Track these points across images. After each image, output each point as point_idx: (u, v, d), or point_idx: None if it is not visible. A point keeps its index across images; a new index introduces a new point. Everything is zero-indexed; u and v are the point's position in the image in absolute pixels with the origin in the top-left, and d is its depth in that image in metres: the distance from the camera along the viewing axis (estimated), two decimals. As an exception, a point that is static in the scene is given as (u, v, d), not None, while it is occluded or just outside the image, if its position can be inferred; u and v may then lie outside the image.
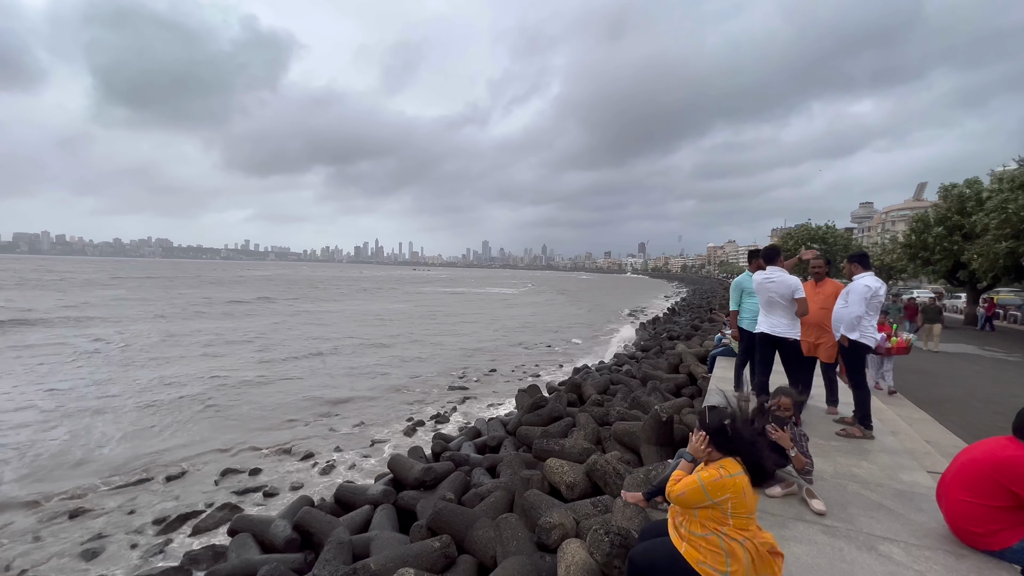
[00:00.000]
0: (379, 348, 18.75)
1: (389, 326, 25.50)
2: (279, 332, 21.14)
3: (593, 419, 7.06)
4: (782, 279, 5.13)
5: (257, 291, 47.63)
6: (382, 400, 11.76)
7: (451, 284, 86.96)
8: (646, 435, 5.60)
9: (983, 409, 7.04)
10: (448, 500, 5.38)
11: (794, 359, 5.21)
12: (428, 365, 15.98)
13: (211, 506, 6.45)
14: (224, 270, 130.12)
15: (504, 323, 28.43)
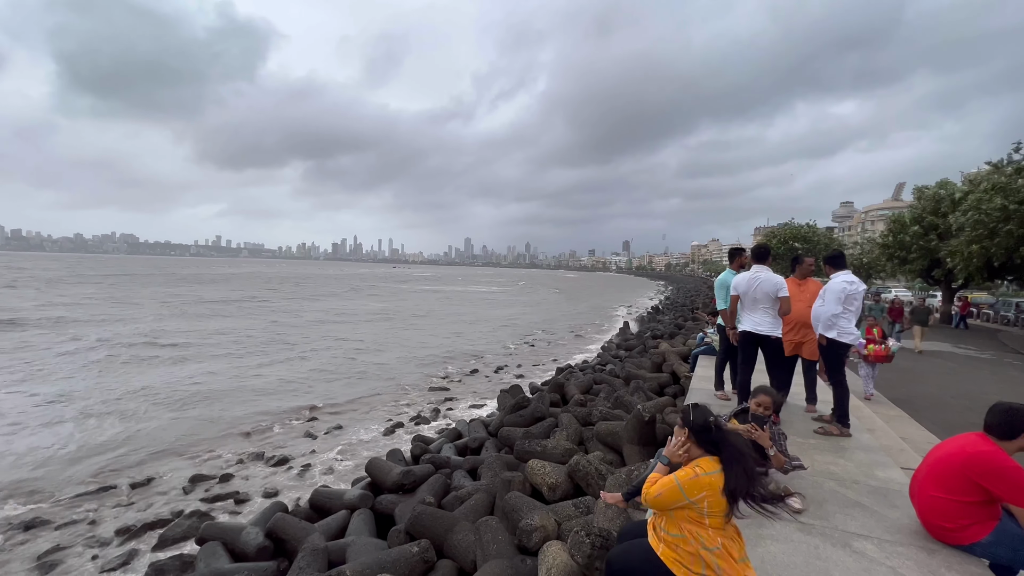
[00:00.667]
0: (358, 348, 18.59)
1: (368, 325, 25.31)
2: (255, 332, 20.90)
3: (576, 419, 7.10)
4: (768, 278, 5.23)
5: (232, 290, 46.72)
6: (360, 401, 11.63)
7: (434, 283, 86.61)
8: (629, 435, 5.66)
9: (956, 406, 7.32)
10: (427, 504, 5.35)
11: (776, 357, 5.30)
12: (408, 365, 15.85)
13: (179, 514, 6.27)
14: (196, 267, 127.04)
15: (488, 322, 28.59)
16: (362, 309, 33.56)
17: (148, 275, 72.17)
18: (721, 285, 6.19)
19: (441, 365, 16.06)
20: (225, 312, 28.15)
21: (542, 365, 16.39)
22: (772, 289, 5.15)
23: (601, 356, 15.32)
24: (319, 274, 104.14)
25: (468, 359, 17.15)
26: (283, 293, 45.90)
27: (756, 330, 5.20)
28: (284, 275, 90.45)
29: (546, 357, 17.96)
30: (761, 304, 5.21)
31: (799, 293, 5.70)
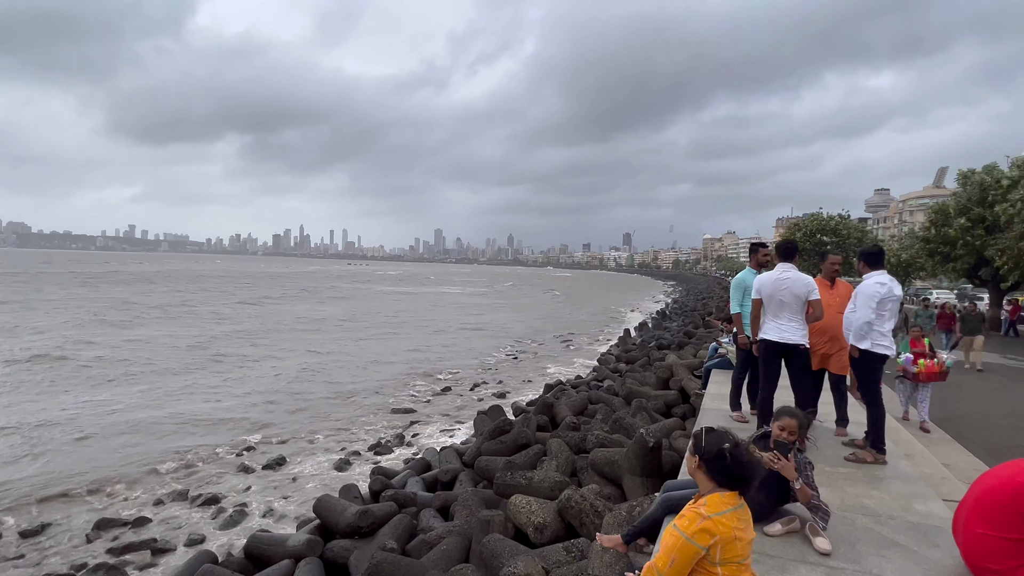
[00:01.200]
0: (307, 363, 18.42)
1: (319, 335, 25.20)
2: (181, 345, 20.51)
3: (568, 446, 7.13)
4: (797, 278, 5.29)
5: (153, 292, 46.30)
6: (307, 426, 11.56)
7: (400, 283, 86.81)
8: (630, 464, 5.68)
9: (1005, 427, 7.41)
10: (389, 550, 5.26)
11: (802, 372, 5.36)
12: (367, 382, 15.71)
13: (81, 568, 5.96)
14: (104, 263, 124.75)
15: (464, 331, 29.05)
16: (312, 315, 33.54)
17: (43, 273, 71.05)
18: (738, 286, 6.22)
19: (407, 383, 16.01)
20: (144, 320, 27.69)
21: (528, 382, 16.48)
22: (802, 291, 5.22)
23: (598, 371, 15.45)
24: (259, 272, 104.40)
25: (439, 375, 17.14)
26: (216, 295, 45.63)
27: (781, 339, 5.25)
28: (217, 273, 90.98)
29: (533, 372, 18.11)
30: (788, 308, 5.27)
31: (827, 297, 5.79)
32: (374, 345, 22.66)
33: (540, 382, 16.22)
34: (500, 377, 17.32)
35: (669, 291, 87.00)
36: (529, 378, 17.16)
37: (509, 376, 17.48)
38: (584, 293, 74.21)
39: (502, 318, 36.28)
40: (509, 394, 14.81)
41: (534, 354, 22.21)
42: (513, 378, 17.18)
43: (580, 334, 28.98)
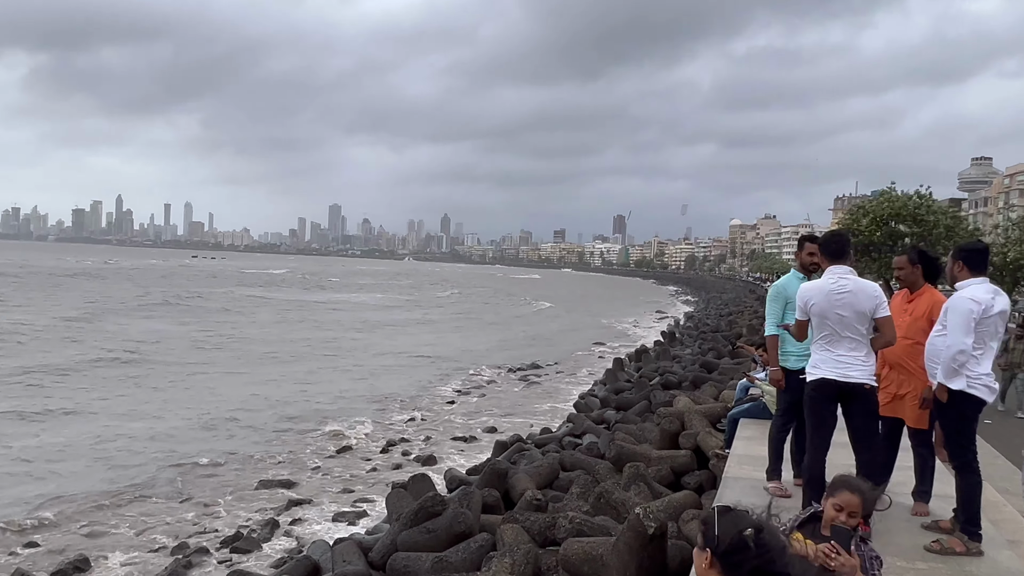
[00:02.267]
0: (119, 411, 18.29)
1: (139, 368, 25.29)
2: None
3: (528, 535, 7.18)
4: (860, 287, 5.40)
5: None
6: (123, 511, 11.47)
7: (283, 286, 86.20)
8: (621, 562, 5.73)
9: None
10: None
11: (868, 422, 5.50)
12: (215, 440, 15.85)
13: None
14: None
15: (379, 358, 30.08)
16: (131, 333, 33.63)
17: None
18: (777, 296, 6.37)
19: (284, 440, 16.16)
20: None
21: (470, 439, 16.84)
22: (866, 304, 5.31)
23: (574, 420, 15.77)
24: (47, 267, 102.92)
25: (334, 428, 17.31)
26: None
27: (839, 376, 5.38)
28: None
29: (478, 423, 18.64)
30: (848, 331, 5.40)
31: (901, 314, 5.97)
32: (235, 386, 22.61)
33: (488, 439, 16.46)
34: (428, 431, 17.54)
35: (680, 301, 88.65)
36: (472, 432, 17.41)
37: (442, 430, 17.74)
38: (559, 302, 75.92)
39: (436, 342, 37.04)
40: (441, 458, 15.03)
41: (480, 396, 22.62)
42: (448, 433, 17.43)
43: (549, 365, 29.78)
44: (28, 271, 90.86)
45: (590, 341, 39.56)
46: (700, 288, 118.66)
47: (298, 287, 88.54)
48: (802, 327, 5.66)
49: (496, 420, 18.86)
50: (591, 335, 43.21)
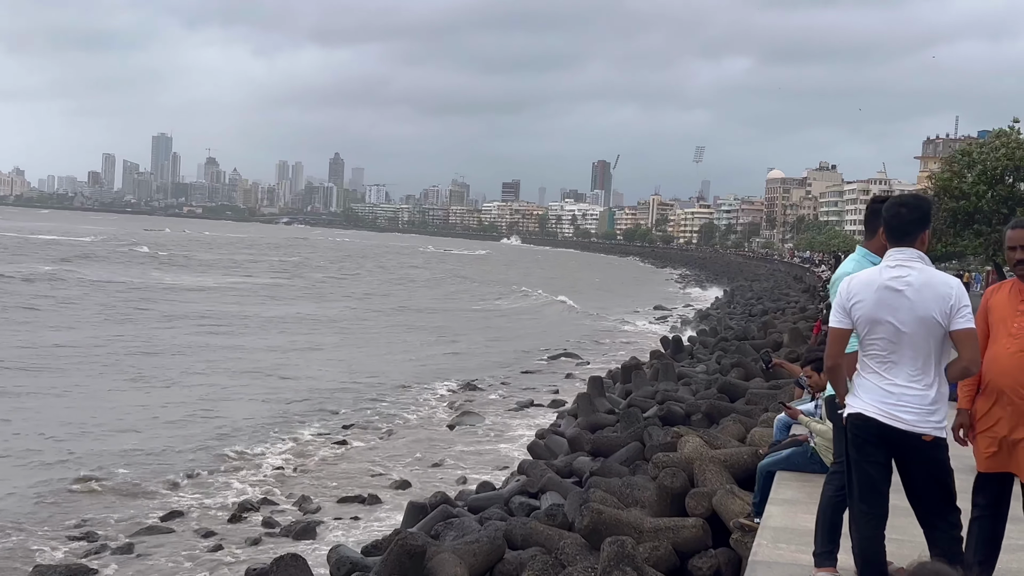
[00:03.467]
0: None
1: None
2: None
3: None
4: (926, 281, 5.38)
5: None
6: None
7: (86, 262, 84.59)
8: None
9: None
10: None
11: (932, 486, 5.58)
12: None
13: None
14: None
15: (221, 374, 30.61)
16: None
17: None
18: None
19: (63, 506, 16.05)
20: None
21: (371, 501, 16.97)
22: (935, 308, 5.35)
23: (528, 469, 15.86)
24: None
25: (153, 487, 17.50)
26: None
27: (883, 415, 5.44)
28: None
29: (381, 471, 19.21)
30: (908, 348, 5.43)
31: (1016, 315, 6.00)
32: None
33: (397, 499, 16.64)
34: (305, 487, 17.70)
35: (690, 292, 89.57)
36: (372, 489, 17.61)
37: (327, 485, 18.00)
38: (516, 285, 75.78)
39: (336, 354, 37.61)
40: (324, 529, 15.12)
41: (386, 434, 23.04)
42: (336, 490, 17.62)
43: (491, 383, 30.57)
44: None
45: (554, 348, 39.91)
46: (721, 273, 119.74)
47: (116, 263, 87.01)
48: (838, 339, 5.62)
49: (410, 470, 19.21)
50: (555, 339, 43.56)
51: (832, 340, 5.60)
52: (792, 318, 38.71)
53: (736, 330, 37.87)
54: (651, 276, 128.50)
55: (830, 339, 5.62)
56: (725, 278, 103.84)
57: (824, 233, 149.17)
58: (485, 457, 20.54)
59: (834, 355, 5.63)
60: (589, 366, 34.88)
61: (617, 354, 38.21)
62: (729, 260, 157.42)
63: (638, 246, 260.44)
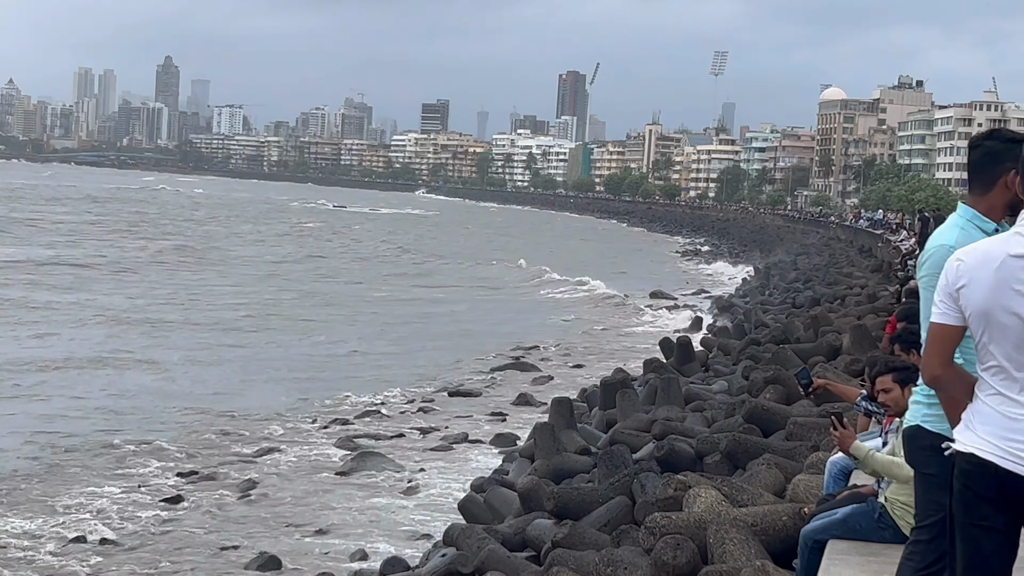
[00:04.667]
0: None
1: None
2: None
3: None
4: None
5: None
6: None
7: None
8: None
9: None
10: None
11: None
12: None
13: None
14: None
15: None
16: None
17: None
18: (939, 270, 6.46)
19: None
20: None
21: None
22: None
23: (460, 537, 15.88)
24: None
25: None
26: None
27: (1010, 458, 5.48)
28: None
29: (232, 551, 19.02)
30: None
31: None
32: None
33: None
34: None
35: (702, 270, 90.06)
36: (223, 567, 17.72)
37: (140, 572, 18.05)
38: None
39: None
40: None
41: (244, 486, 22.90)
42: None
43: (402, 406, 30.90)
44: None
45: (501, 352, 40.42)
46: (750, 243, 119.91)
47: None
48: (943, 340, 5.63)
49: (281, 540, 19.26)
50: (503, 339, 44.06)
51: (933, 342, 5.49)
52: (856, 310, 38.74)
53: (773, 329, 37.96)
54: (648, 248, 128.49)
55: (930, 340, 5.50)
56: (757, 250, 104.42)
57: (905, 183, 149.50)
58: (394, 520, 20.49)
59: (936, 364, 5.48)
60: (552, 382, 34.95)
61: (595, 362, 38.40)
62: (763, 223, 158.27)
63: (627, 202, 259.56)
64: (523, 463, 21.31)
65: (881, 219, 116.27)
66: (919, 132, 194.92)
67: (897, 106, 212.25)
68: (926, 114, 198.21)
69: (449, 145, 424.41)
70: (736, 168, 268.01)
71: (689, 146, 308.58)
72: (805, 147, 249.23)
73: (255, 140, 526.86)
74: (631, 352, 40.07)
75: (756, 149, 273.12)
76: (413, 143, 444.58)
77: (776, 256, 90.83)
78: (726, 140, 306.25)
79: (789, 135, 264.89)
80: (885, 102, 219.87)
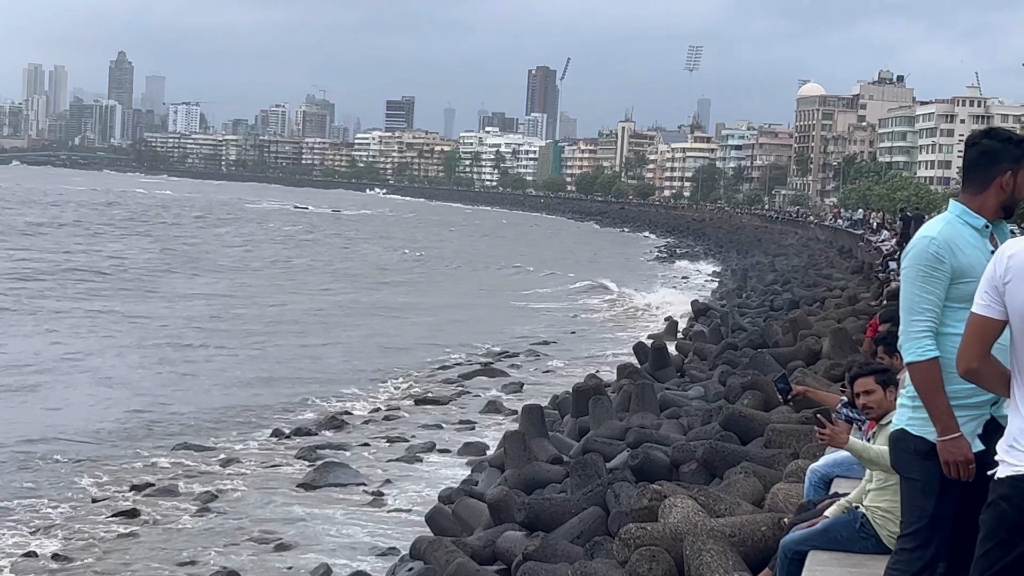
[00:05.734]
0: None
1: None
2: None
3: None
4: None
5: None
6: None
7: None
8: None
9: None
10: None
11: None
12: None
13: None
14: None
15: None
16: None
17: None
18: (931, 265, 6.30)
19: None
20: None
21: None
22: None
23: (427, 550, 15.82)
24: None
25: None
26: None
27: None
28: None
29: (189, 566, 18.98)
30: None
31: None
32: None
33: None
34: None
35: (673, 273, 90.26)
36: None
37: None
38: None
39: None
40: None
41: (202, 498, 22.85)
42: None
43: (367, 415, 30.73)
44: None
45: (469, 356, 40.66)
46: (727, 243, 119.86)
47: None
48: (983, 332, 5.50)
49: (241, 556, 19.21)
50: (471, 342, 43.99)
51: (972, 334, 5.37)
52: (836, 313, 38.99)
53: (750, 332, 38.31)
54: (617, 246, 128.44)
55: (968, 332, 5.35)
56: (734, 251, 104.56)
57: (886, 182, 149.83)
58: (359, 533, 20.47)
59: (973, 356, 5.34)
60: (524, 389, 35.08)
61: (568, 368, 38.43)
62: (740, 223, 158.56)
63: (599, 201, 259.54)
64: (493, 473, 21.29)
65: (862, 219, 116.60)
66: (900, 129, 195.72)
67: (877, 102, 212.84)
68: (907, 110, 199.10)
69: (415, 143, 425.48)
70: (712, 167, 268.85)
71: (663, 144, 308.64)
72: (783, 145, 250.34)
73: (213, 139, 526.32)
74: (603, 360, 40.02)
75: (732, 147, 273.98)
76: (377, 141, 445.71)
77: (753, 257, 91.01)
78: (701, 138, 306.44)
79: (766, 132, 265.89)
80: (865, 98, 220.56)
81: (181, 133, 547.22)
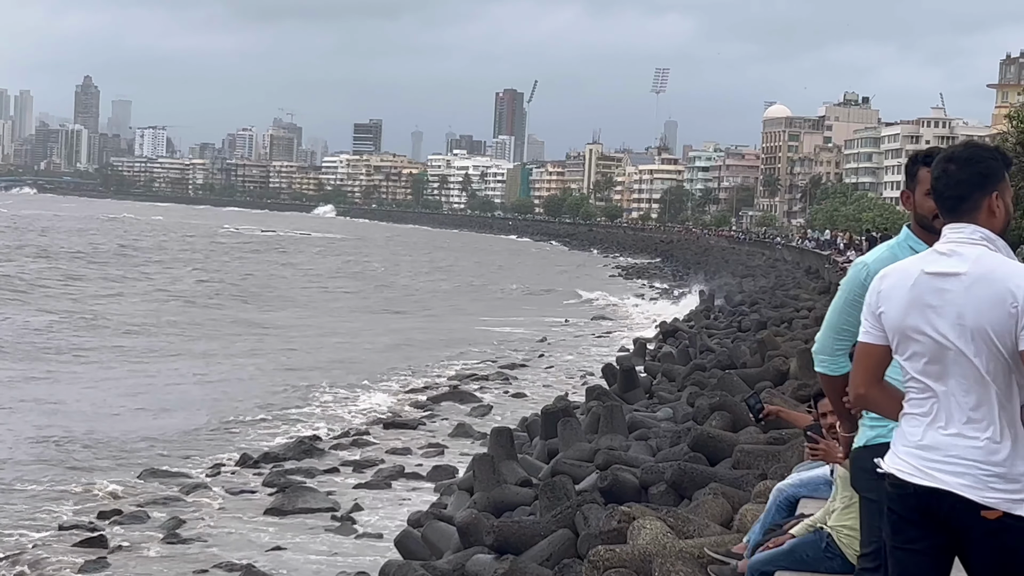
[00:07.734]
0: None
1: None
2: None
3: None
4: (985, 272, 5.45)
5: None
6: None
7: None
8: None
9: None
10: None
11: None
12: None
13: None
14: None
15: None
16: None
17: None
18: (859, 291, 6.48)
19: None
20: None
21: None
22: (994, 315, 5.39)
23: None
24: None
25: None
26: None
27: (922, 478, 5.50)
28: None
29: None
30: (957, 375, 5.50)
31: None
32: None
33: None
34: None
35: (643, 296, 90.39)
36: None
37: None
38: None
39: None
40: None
41: (168, 525, 22.77)
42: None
43: (333, 439, 30.51)
44: None
45: (437, 380, 40.27)
46: (694, 265, 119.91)
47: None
48: (869, 359, 5.59)
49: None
50: (442, 368, 43.87)
51: (858, 361, 5.60)
52: (804, 334, 38.92)
53: (719, 354, 38.48)
54: (584, 271, 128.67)
55: (856, 359, 5.60)
56: (701, 273, 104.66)
57: (852, 202, 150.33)
58: (327, 558, 20.44)
59: (860, 382, 5.56)
60: (492, 412, 35.14)
61: (537, 391, 38.45)
62: (707, 244, 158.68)
63: (567, 223, 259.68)
64: (462, 496, 21.27)
65: (828, 239, 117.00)
66: (866, 150, 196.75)
67: (843, 123, 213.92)
68: (873, 131, 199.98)
69: (382, 166, 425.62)
70: (679, 188, 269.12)
71: (631, 166, 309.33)
72: (750, 166, 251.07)
73: (179, 163, 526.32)
74: (573, 382, 40.15)
75: (699, 168, 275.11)
76: (345, 164, 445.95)
77: (721, 279, 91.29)
78: (668, 159, 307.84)
79: (733, 154, 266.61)
80: (831, 119, 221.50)
81: (148, 157, 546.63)
